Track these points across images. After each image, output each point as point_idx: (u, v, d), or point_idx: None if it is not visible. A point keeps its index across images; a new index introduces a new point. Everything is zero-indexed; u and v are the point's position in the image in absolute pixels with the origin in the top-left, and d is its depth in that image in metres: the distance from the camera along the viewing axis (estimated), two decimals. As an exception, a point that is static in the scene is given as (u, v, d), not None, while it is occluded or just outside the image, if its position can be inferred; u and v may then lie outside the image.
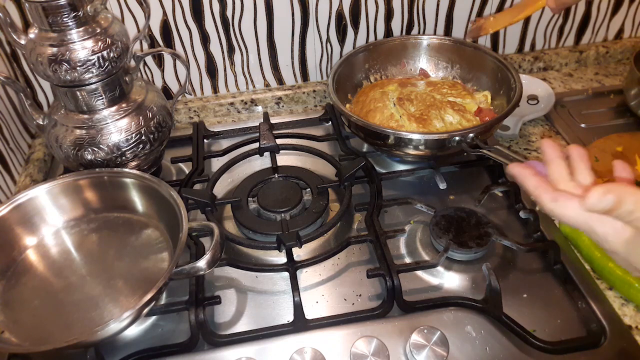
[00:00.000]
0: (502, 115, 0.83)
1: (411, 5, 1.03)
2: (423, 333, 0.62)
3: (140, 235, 0.77)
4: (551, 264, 0.74)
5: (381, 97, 0.93)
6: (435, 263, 0.73)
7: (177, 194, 0.73)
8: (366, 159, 0.88)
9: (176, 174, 0.96)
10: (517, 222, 0.81)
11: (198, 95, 1.09)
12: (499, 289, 0.67)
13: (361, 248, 0.79)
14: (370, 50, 1.02)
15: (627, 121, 1.00)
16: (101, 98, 0.80)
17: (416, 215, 0.83)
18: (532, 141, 0.97)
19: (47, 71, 0.75)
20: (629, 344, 0.64)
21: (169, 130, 0.89)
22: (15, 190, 0.92)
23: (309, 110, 1.10)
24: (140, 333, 0.70)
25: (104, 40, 0.76)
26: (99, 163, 0.81)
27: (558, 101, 1.03)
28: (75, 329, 0.65)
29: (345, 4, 1.01)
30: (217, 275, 0.77)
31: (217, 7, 0.97)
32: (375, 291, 0.73)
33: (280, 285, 0.75)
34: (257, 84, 1.10)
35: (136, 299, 0.66)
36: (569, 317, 0.69)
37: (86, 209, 0.80)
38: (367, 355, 0.61)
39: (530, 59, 1.14)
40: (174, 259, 0.64)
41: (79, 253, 0.76)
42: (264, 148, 0.91)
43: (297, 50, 1.06)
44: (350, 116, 0.85)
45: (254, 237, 0.80)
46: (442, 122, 0.88)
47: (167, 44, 1.00)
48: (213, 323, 0.71)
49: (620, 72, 1.14)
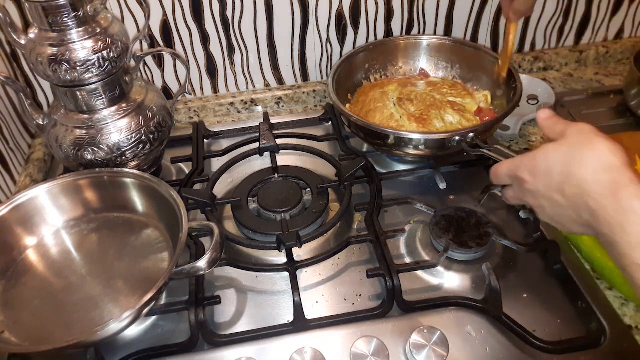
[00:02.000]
0: (502, 115, 0.83)
1: (411, 5, 1.03)
2: (423, 333, 0.62)
3: (140, 235, 0.77)
4: (551, 264, 0.74)
5: (381, 97, 0.93)
6: (435, 263, 0.73)
7: (177, 194, 0.73)
8: (366, 159, 0.88)
9: (176, 174, 0.96)
10: (517, 222, 0.81)
11: (198, 95, 1.09)
12: (499, 289, 0.67)
13: (361, 248, 0.79)
14: (370, 50, 1.02)
15: (627, 121, 1.00)
16: (101, 98, 0.80)
17: (416, 215, 0.83)
18: (532, 141, 0.97)
19: (47, 71, 0.75)
20: (629, 344, 0.64)
21: (169, 130, 0.89)
22: (15, 190, 0.92)
23: (309, 110, 1.10)
24: (140, 333, 0.70)
25: (104, 40, 0.76)
26: (99, 163, 0.81)
27: (558, 101, 1.03)
28: (75, 329, 0.65)
29: (345, 4, 1.01)
30: (217, 275, 0.77)
31: (217, 7, 0.97)
32: (375, 291, 0.73)
33: (280, 285, 0.75)
34: (257, 84, 1.10)
35: (136, 299, 0.66)
36: (569, 317, 0.69)
37: (86, 209, 0.80)
38: (367, 355, 0.61)
39: (530, 59, 1.14)
40: (174, 259, 0.64)
41: (79, 253, 0.76)
42: (264, 148, 0.91)
43: (297, 50, 1.06)
44: (350, 116, 0.85)
45: (254, 237, 0.80)
46: (442, 122, 0.88)
47: (167, 44, 1.00)
48: (213, 323, 0.71)
49: (620, 72, 1.14)
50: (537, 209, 0.62)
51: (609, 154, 0.53)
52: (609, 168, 0.52)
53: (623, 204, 0.50)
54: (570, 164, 0.55)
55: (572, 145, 0.55)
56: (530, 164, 0.59)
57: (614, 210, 0.51)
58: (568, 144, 0.56)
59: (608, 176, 0.52)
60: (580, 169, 0.54)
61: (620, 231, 0.50)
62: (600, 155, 0.53)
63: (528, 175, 0.60)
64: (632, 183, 0.51)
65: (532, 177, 0.59)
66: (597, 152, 0.53)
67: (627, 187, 0.50)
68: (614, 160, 0.52)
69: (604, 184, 0.52)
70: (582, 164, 0.54)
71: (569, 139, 0.56)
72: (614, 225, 0.51)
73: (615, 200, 0.51)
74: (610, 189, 0.51)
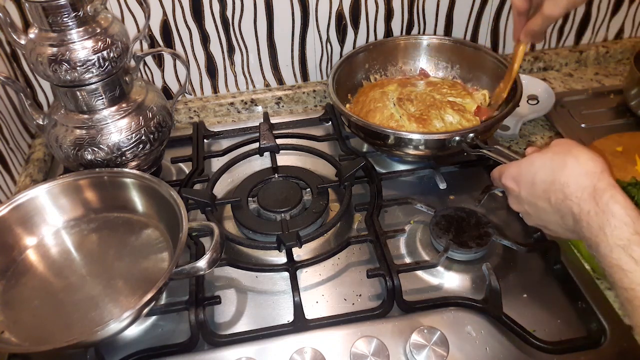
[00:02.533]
0: (502, 115, 0.83)
1: (411, 5, 1.03)
2: (423, 333, 0.62)
3: (140, 235, 0.77)
4: (551, 264, 0.74)
5: (381, 97, 0.93)
6: (435, 263, 0.73)
7: (177, 194, 0.73)
8: (366, 159, 0.88)
9: (176, 174, 0.96)
10: (517, 222, 0.81)
11: (198, 95, 1.09)
12: (499, 289, 0.67)
13: (361, 248, 0.79)
14: (370, 50, 1.02)
15: (627, 121, 1.00)
16: (101, 98, 0.80)
17: (416, 215, 0.83)
18: (532, 141, 0.97)
19: (47, 71, 0.75)
20: (629, 344, 0.64)
21: (169, 130, 0.89)
22: (15, 190, 0.92)
23: (309, 110, 1.10)
24: (140, 333, 0.70)
25: (104, 40, 0.76)
26: (99, 163, 0.81)
27: (558, 101, 1.03)
28: (75, 329, 0.65)
29: (345, 4, 1.01)
30: (217, 275, 0.77)
31: (217, 7, 0.97)
32: (375, 291, 0.73)
33: (280, 285, 0.75)
34: (257, 84, 1.10)
35: (136, 299, 0.66)
36: (569, 317, 0.69)
37: (86, 209, 0.80)
38: (367, 355, 0.61)
39: (530, 59, 1.14)
40: (174, 259, 0.64)
41: (79, 253, 0.76)
42: (264, 148, 0.91)
43: (297, 50, 1.06)
44: (350, 116, 0.85)
45: (254, 237, 0.80)
46: (442, 122, 0.88)
47: (167, 44, 1.00)
48: (213, 323, 0.71)
49: (620, 72, 1.14)
50: (523, 214, 0.65)
51: (589, 161, 0.56)
52: (590, 174, 0.55)
53: (603, 207, 0.53)
54: (554, 171, 0.58)
55: (555, 153, 0.59)
56: (514, 171, 0.63)
57: (595, 213, 0.54)
58: (552, 152, 0.60)
59: (589, 181, 0.55)
60: (563, 175, 0.57)
61: (601, 233, 0.53)
62: (582, 162, 0.57)
63: (511, 182, 0.64)
64: (611, 188, 0.54)
65: (515, 184, 0.63)
66: (578, 160, 0.57)
67: (607, 192, 0.54)
68: (594, 166, 0.56)
69: (585, 189, 0.55)
70: (565, 171, 0.57)
71: (552, 148, 0.60)
72: (595, 228, 0.54)
73: (595, 204, 0.54)
74: (591, 194, 0.54)
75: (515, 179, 0.63)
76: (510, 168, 0.64)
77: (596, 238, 0.53)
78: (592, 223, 0.54)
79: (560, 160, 0.58)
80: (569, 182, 0.56)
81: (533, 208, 0.62)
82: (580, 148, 0.58)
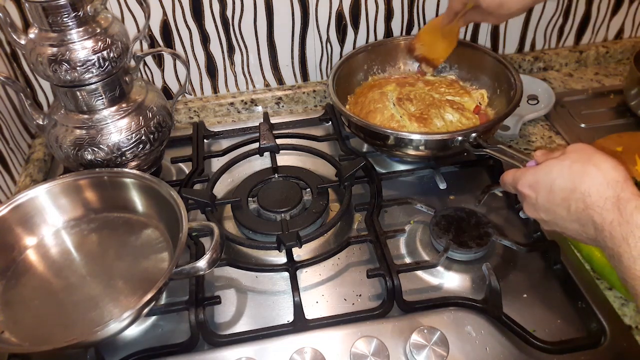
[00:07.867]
0: (503, 115, 0.83)
1: (411, 5, 1.03)
2: (423, 333, 0.62)
3: (140, 235, 0.77)
4: (551, 264, 0.74)
5: (380, 97, 0.93)
6: (435, 263, 0.73)
7: (177, 194, 0.73)
8: (366, 159, 0.88)
9: (176, 174, 0.96)
10: (517, 222, 0.81)
11: (198, 95, 1.09)
12: (499, 289, 0.67)
13: (361, 248, 0.79)
14: (370, 50, 1.02)
15: (627, 121, 1.00)
16: (101, 98, 0.80)
17: (416, 215, 0.83)
18: (532, 141, 0.97)
19: (47, 71, 0.75)
20: (629, 344, 0.64)
21: (169, 130, 0.89)
22: (15, 190, 0.92)
23: (309, 110, 1.10)
24: (140, 333, 0.70)
25: (104, 40, 0.76)
26: (99, 163, 0.81)
27: (558, 101, 1.03)
28: (75, 329, 0.65)
29: (345, 4, 1.01)
30: (217, 275, 0.77)
31: (217, 7, 0.97)
32: (375, 291, 0.73)
33: (280, 285, 0.75)
34: (257, 84, 1.10)
35: (136, 299, 0.66)
36: (569, 317, 0.69)
37: (86, 209, 0.80)
38: (367, 355, 0.61)
39: (530, 59, 1.14)
40: (174, 259, 0.64)
41: (79, 253, 0.76)
42: (264, 148, 0.91)
43: (297, 50, 1.06)
44: (350, 116, 0.85)
45: (254, 237, 0.80)
46: (443, 121, 0.88)
47: (167, 44, 1.00)
48: (213, 323, 0.71)
49: (620, 72, 1.14)
50: (539, 221, 0.63)
51: (612, 170, 0.55)
52: (613, 183, 0.54)
53: (627, 217, 0.52)
54: (573, 179, 0.56)
55: (574, 160, 0.57)
56: (531, 178, 0.61)
57: (618, 224, 0.52)
58: (570, 159, 0.58)
59: (612, 191, 0.53)
60: (584, 184, 0.55)
61: (624, 244, 0.51)
62: (604, 171, 0.55)
63: (528, 190, 0.62)
64: (636, 197, 0.52)
65: (532, 191, 0.61)
66: (600, 168, 0.55)
67: (631, 202, 0.52)
68: (617, 175, 0.54)
69: (608, 198, 0.53)
70: (586, 179, 0.55)
71: (570, 155, 0.58)
72: (618, 239, 0.52)
73: (619, 214, 0.52)
74: (615, 204, 0.53)
75: (532, 185, 0.61)
76: (527, 174, 0.62)
77: (619, 249, 0.52)
78: (615, 233, 0.52)
79: (580, 168, 0.56)
80: (591, 191, 0.55)
81: (551, 215, 0.60)
82: (600, 155, 0.56)
